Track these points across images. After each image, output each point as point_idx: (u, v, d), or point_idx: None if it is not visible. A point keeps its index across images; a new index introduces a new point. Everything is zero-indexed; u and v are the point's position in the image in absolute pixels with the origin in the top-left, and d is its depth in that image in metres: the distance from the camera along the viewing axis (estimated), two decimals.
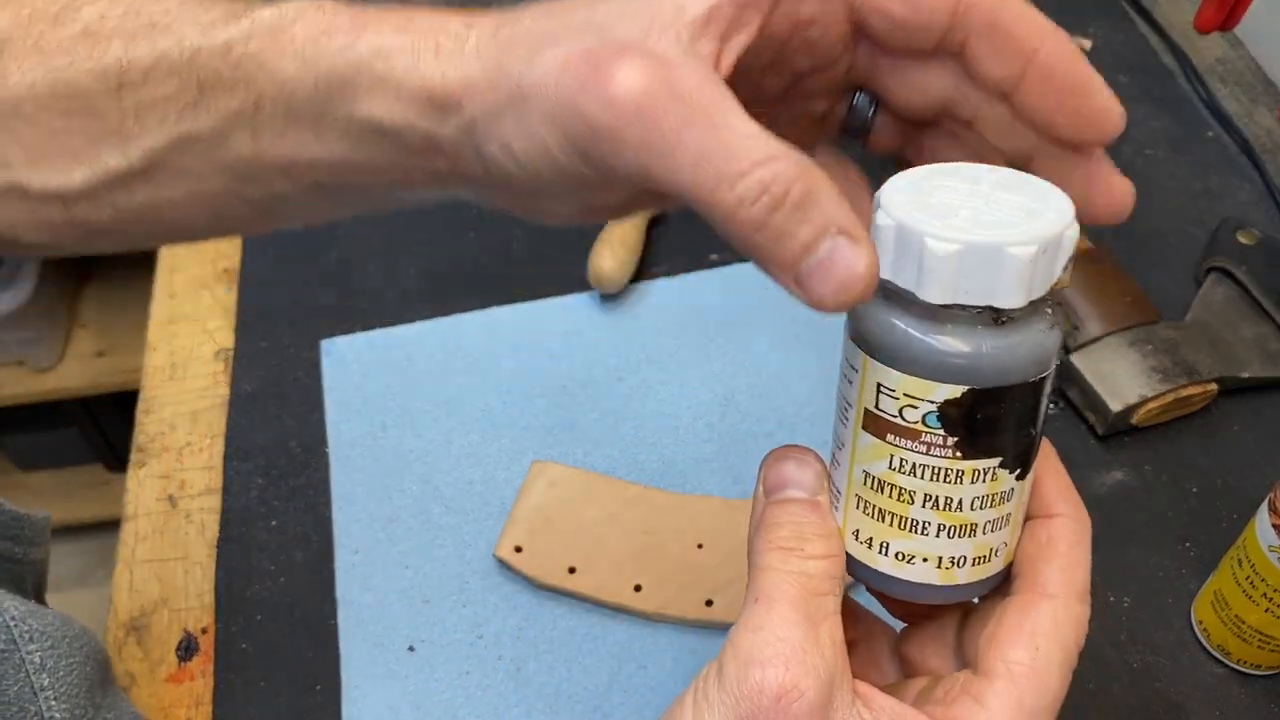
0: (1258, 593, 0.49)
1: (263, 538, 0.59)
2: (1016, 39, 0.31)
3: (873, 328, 0.29)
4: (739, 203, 0.27)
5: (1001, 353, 0.28)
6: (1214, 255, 0.67)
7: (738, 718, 0.29)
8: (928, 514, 0.30)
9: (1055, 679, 0.32)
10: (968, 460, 0.29)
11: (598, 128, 0.28)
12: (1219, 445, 0.61)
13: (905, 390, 0.29)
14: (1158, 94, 0.79)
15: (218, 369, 0.66)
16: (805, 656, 0.29)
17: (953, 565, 0.31)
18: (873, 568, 0.32)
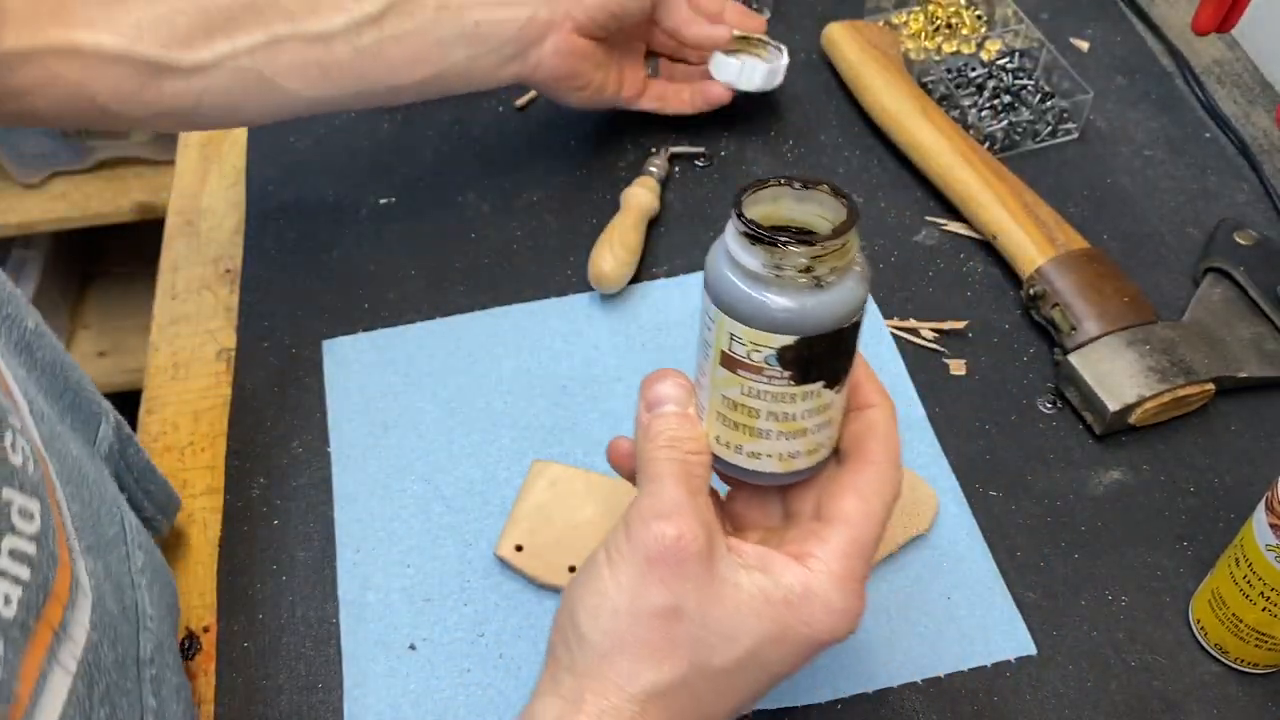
0: (1255, 591, 0.49)
1: (265, 537, 0.59)
2: None
3: (726, 290, 0.39)
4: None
5: (821, 309, 0.38)
6: (1211, 256, 0.67)
7: (644, 559, 0.39)
8: (770, 424, 0.41)
9: (878, 523, 0.41)
10: (799, 386, 0.40)
11: None
12: (1216, 445, 0.61)
13: (751, 340, 0.39)
14: (1155, 95, 0.80)
15: (219, 369, 0.66)
16: (693, 514, 0.39)
17: (790, 458, 0.42)
18: (731, 463, 0.43)
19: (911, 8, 0.83)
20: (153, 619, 0.45)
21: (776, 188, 0.40)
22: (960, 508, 0.59)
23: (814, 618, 0.39)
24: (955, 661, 0.54)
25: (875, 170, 0.76)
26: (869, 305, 0.55)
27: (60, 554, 0.36)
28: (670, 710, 0.39)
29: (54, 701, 0.35)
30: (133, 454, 0.52)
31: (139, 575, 0.45)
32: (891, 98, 0.75)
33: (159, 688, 0.44)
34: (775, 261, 0.37)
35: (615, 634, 0.39)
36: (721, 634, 0.39)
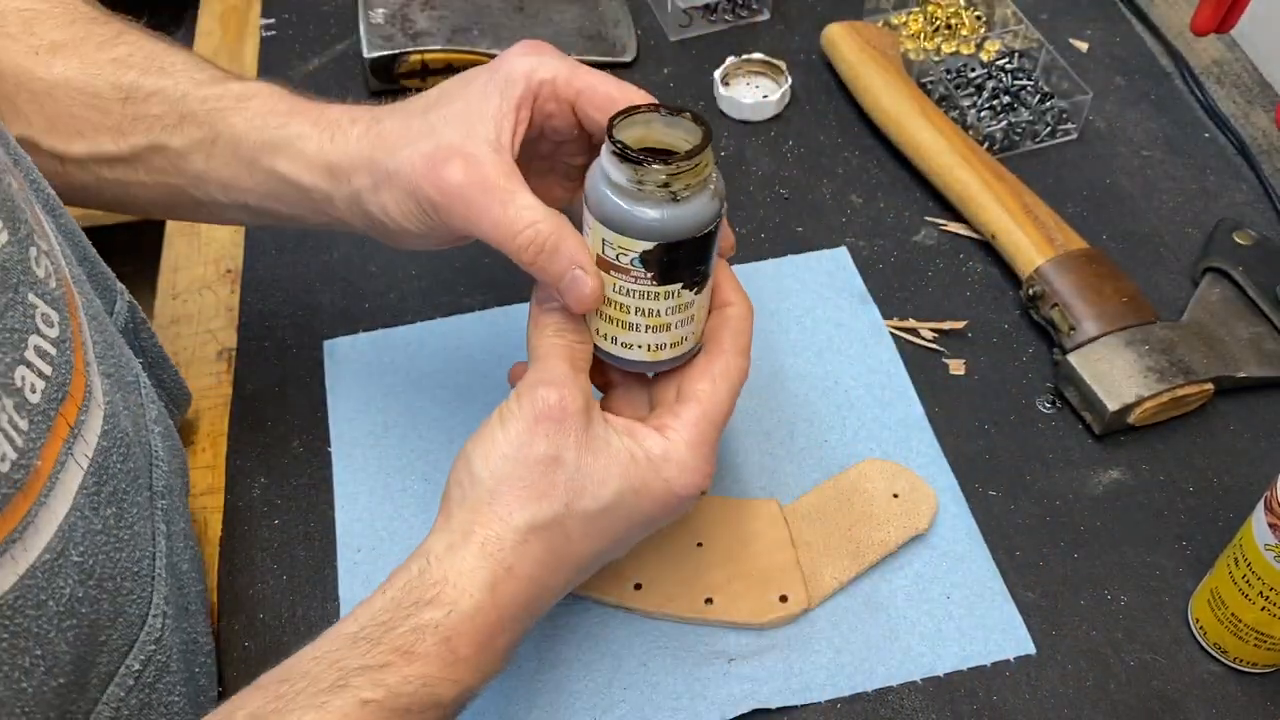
0: (1254, 591, 0.49)
1: (265, 536, 0.59)
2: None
3: (599, 201, 0.45)
4: (519, 250, 0.46)
5: (677, 219, 0.44)
6: (1210, 256, 0.68)
7: (531, 417, 0.46)
8: (638, 319, 0.47)
9: (725, 400, 0.48)
10: (661, 286, 0.46)
11: (437, 203, 0.47)
12: (1215, 445, 0.61)
13: (619, 244, 0.45)
14: (1154, 95, 0.80)
15: (220, 369, 0.66)
16: (574, 384, 0.47)
17: (658, 349, 0.49)
18: (609, 351, 0.50)
19: (911, 8, 0.83)
20: (164, 463, 0.50)
21: (648, 113, 0.46)
22: (960, 507, 0.59)
23: (669, 474, 0.47)
24: (955, 661, 0.54)
25: (875, 170, 0.76)
26: (869, 308, 0.61)
27: (76, 363, 0.41)
28: (546, 544, 0.45)
29: (69, 486, 0.40)
30: (146, 338, 0.56)
31: (153, 424, 0.50)
32: (891, 98, 0.75)
33: (170, 521, 0.49)
34: (639, 177, 0.43)
35: (502, 475, 0.45)
36: (594, 480, 0.46)
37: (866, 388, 0.64)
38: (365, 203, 0.49)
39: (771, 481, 0.60)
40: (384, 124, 0.49)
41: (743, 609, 0.55)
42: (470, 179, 0.46)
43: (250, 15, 0.88)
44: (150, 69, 0.52)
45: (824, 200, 0.74)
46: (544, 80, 0.48)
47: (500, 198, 0.46)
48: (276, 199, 0.52)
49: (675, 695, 0.53)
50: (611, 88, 0.48)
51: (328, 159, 0.50)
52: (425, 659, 0.42)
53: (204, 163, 0.51)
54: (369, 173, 0.48)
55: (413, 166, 0.47)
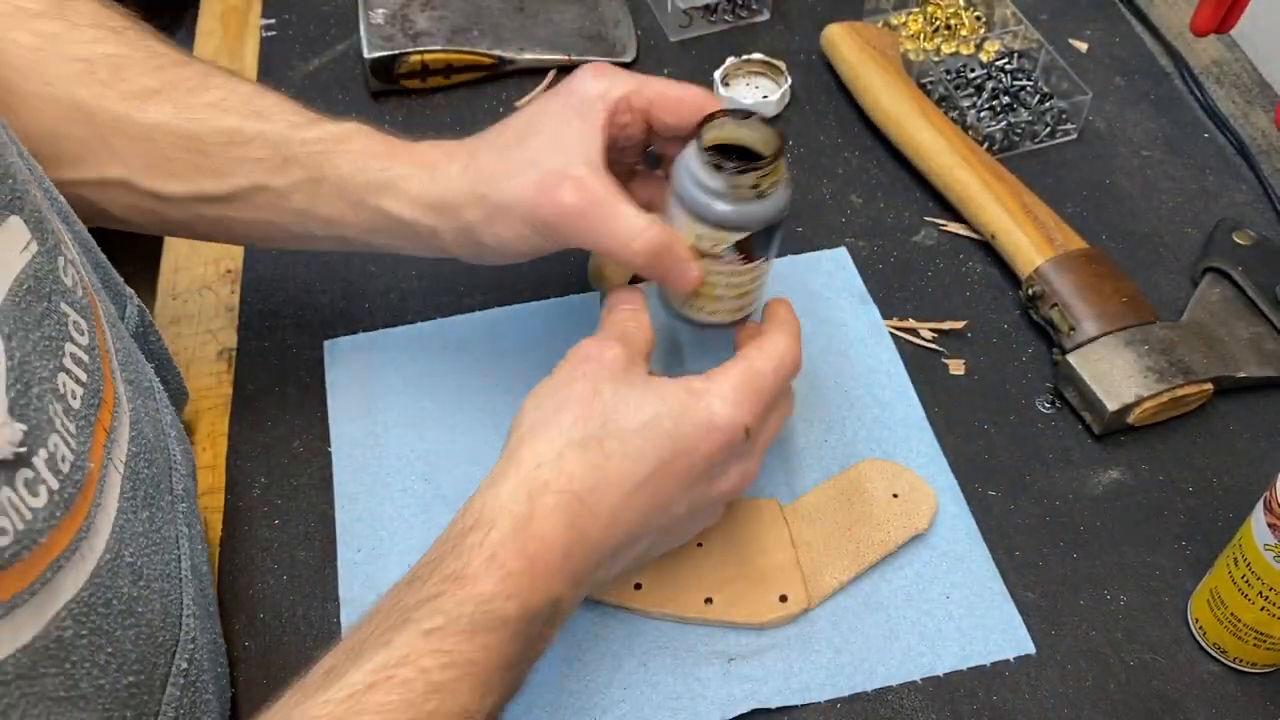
0: (1253, 591, 0.49)
1: (265, 537, 0.59)
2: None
3: (695, 204, 0.52)
4: (635, 255, 0.51)
5: (763, 211, 0.52)
6: (1210, 256, 0.68)
7: (573, 361, 0.50)
8: (725, 292, 0.55)
9: (771, 366, 0.51)
10: (747, 264, 0.54)
11: (554, 224, 0.51)
12: (1215, 445, 0.62)
13: (713, 238, 0.52)
14: (1154, 95, 0.80)
15: (221, 369, 0.66)
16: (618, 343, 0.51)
17: (739, 310, 0.57)
18: (696, 319, 0.57)
19: (910, 9, 0.83)
20: (181, 466, 0.51)
21: (721, 119, 0.53)
22: (959, 507, 0.59)
23: (710, 405, 0.48)
24: (954, 661, 0.54)
25: (874, 171, 0.76)
26: (869, 308, 0.64)
27: (104, 370, 0.42)
28: (583, 459, 0.46)
29: (114, 489, 0.42)
30: (154, 340, 0.57)
31: (169, 428, 0.51)
32: (891, 98, 0.75)
33: (190, 524, 0.50)
34: (734, 184, 0.51)
35: (543, 410, 0.48)
36: (631, 403, 0.48)
37: (866, 388, 0.64)
38: (478, 234, 0.53)
39: (771, 481, 0.60)
40: (480, 159, 0.53)
41: (743, 609, 0.55)
42: (582, 199, 0.50)
43: (250, 15, 0.88)
44: (247, 113, 0.55)
45: (824, 200, 0.74)
46: (619, 98, 0.53)
47: (610, 212, 0.51)
48: (378, 233, 0.55)
49: (675, 695, 0.53)
50: (676, 90, 0.54)
51: (434, 197, 0.53)
52: (475, 579, 0.43)
53: (307, 201, 0.54)
54: (479, 206, 0.52)
55: (527, 195, 0.51)
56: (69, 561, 0.37)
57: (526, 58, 0.81)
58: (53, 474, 0.37)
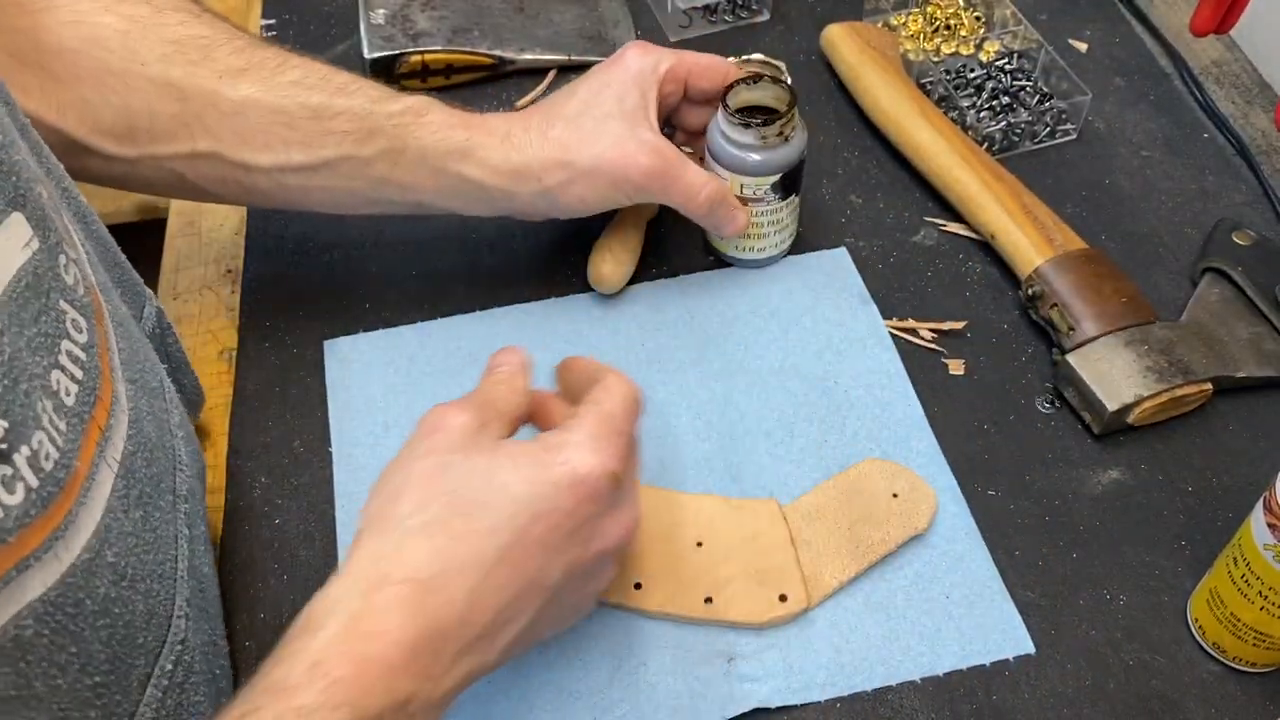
0: (1253, 591, 0.49)
1: (266, 536, 0.59)
2: None
3: (732, 159, 0.64)
4: (701, 204, 0.63)
5: (791, 152, 0.65)
6: (1210, 256, 0.68)
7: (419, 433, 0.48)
8: (770, 229, 0.68)
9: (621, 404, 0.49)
10: (784, 200, 0.66)
11: (639, 184, 0.61)
12: (1214, 444, 0.62)
13: (755, 184, 0.65)
14: (1154, 96, 0.80)
15: (221, 369, 0.66)
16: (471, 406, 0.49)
17: (781, 244, 0.70)
18: (747, 259, 0.70)
19: (910, 9, 0.84)
20: (186, 467, 0.51)
21: (738, 85, 0.65)
22: (959, 507, 0.59)
23: (569, 459, 0.45)
24: (954, 660, 0.54)
25: (874, 171, 0.76)
26: (869, 308, 0.68)
27: (103, 369, 0.42)
28: (427, 547, 0.43)
29: (102, 488, 0.41)
30: (171, 343, 0.58)
31: (176, 429, 0.51)
32: (890, 99, 0.75)
33: (193, 525, 0.50)
34: (763, 134, 0.63)
35: (383, 498, 0.45)
36: (479, 472, 0.45)
37: (866, 388, 0.64)
38: (558, 195, 0.61)
39: (771, 481, 0.60)
40: (554, 128, 0.60)
41: (742, 608, 0.55)
42: (658, 161, 0.60)
43: (251, 15, 0.88)
44: (331, 89, 0.59)
45: (823, 200, 0.74)
46: (667, 70, 0.63)
47: (679, 172, 0.61)
48: (454, 196, 0.61)
49: (675, 695, 0.53)
50: (707, 60, 0.65)
51: (514, 164, 0.60)
52: (295, 690, 0.39)
53: (388, 169, 0.60)
54: (562, 171, 0.60)
55: (611, 161, 0.60)
56: (39, 561, 0.36)
57: (526, 58, 0.81)
58: (33, 471, 0.36)
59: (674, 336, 0.67)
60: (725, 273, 0.70)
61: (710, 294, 0.69)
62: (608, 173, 0.60)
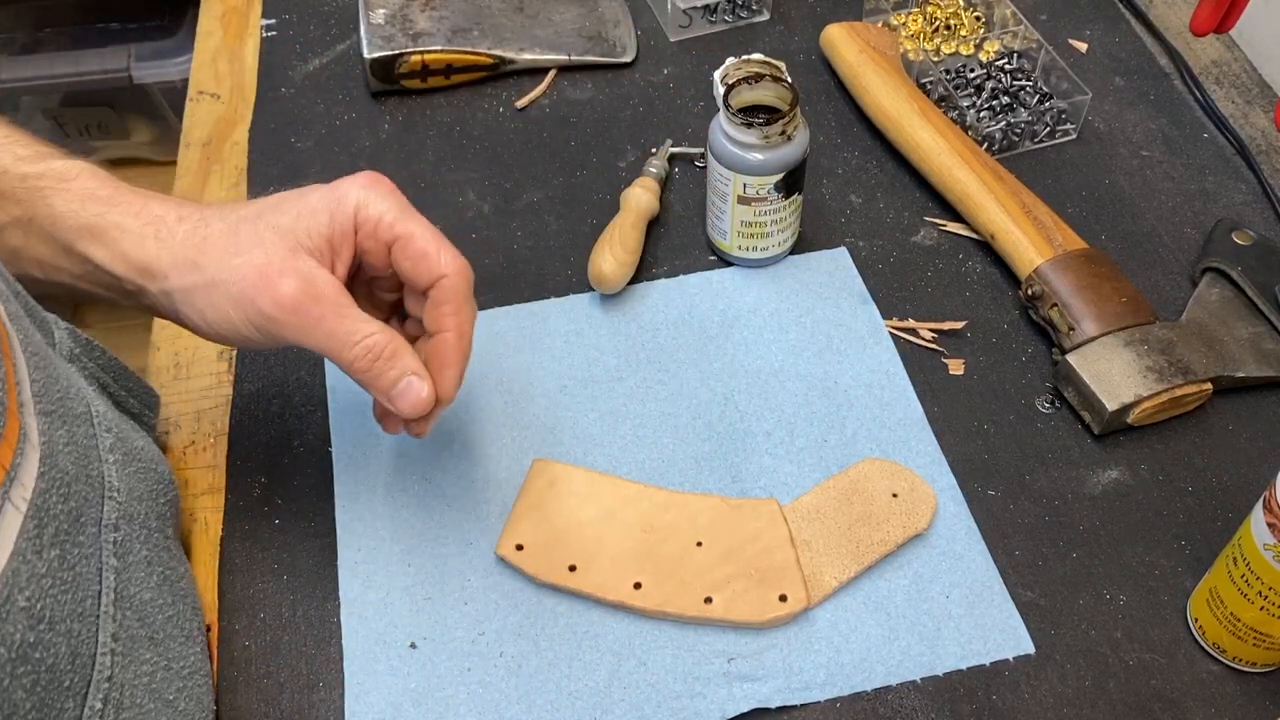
0: (1253, 591, 0.49)
1: (266, 536, 0.59)
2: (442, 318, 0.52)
3: (734, 159, 0.64)
4: (354, 359, 0.49)
5: (793, 151, 0.64)
6: (1209, 256, 0.68)
7: None
8: (773, 229, 0.67)
9: None
10: (787, 200, 0.66)
11: (269, 316, 0.48)
12: (1214, 444, 0.62)
13: (758, 184, 0.64)
14: (1153, 96, 0.80)
15: (221, 369, 0.66)
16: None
17: (783, 243, 0.69)
18: (750, 258, 0.69)
19: (910, 9, 0.83)
20: (119, 492, 0.48)
21: (738, 85, 0.64)
22: (959, 507, 0.59)
23: None
24: (954, 660, 0.54)
25: (874, 171, 0.76)
26: (869, 308, 0.68)
27: (9, 405, 0.40)
28: None
29: (8, 531, 0.39)
30: (97, 357, 0.55)
31: (107, 453, 0.49)
32: (890, 99, 0.75)
33: (124, 553, 0.47)
34: (765, 134, 0.63)
35: None
36: None
37: (866, 388, 0.64)
38: (179, 302, 0.50)
39: (771, 481, 0.60)
40: (212, 227, 0.50)
41: (742, 608, 0.55)
42: (304, 292, 0.48)
43: (251, 16, 0.88)
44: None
45: (823, 200, 0.74)
46: (368, 218, 0.50)
47: (334, 310, 0.48)
48: (91, 282, 0.51)
49: (675, 695, 0.53)
50: (428, 244, 0.50)
51: (145, 254, 0.50)
52: None
53: (20, 239, 0.51)
54: (188, 275, 0.49)
55: (243, 278, 0.48)
56: None
57: (526, 58, 0.82)
58: None
59: (674, 336, 0.67)
60: (725, 272, 0.70)
61: (710, 294, 0.69)
62: (235, 292, 0.48)
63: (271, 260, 0.48)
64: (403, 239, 0.50)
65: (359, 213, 0.50)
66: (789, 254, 0.70)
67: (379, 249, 0.51)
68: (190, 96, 0.83)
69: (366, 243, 0.51)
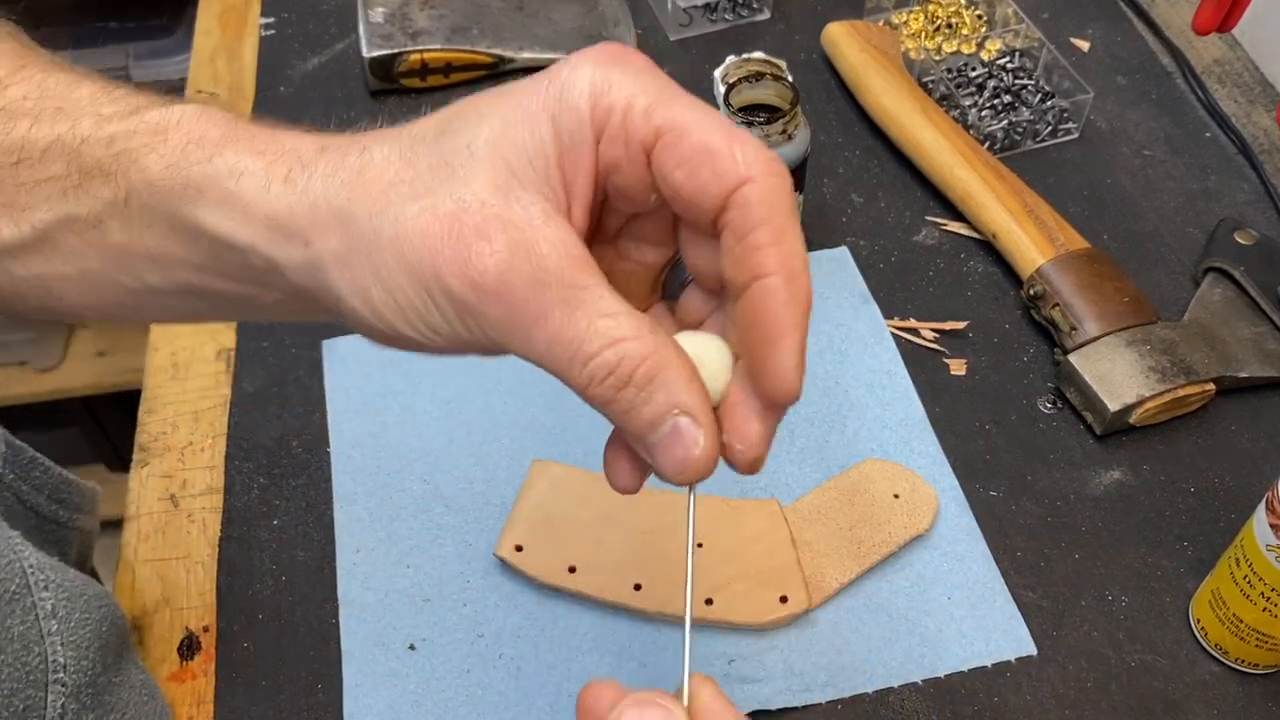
0: (1255, 592, 0.49)
1: (264, 537, 0.59)
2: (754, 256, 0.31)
3: None
4: (588, 381, 0.30)
5: (796, 149, 0.63)
6: (1212, 255, 0.67)
7: None
8: None
9: None
10: None
11: (460, 299, 0.30)
12: (1216, 445, 0.61)
13: None
14: (1156, 95, 0.79)
15: (219, 369, 0.66)
16: None
17: None
18: None
19: (911, 7, 0.83)
20: (64, 668, 0.41)
21: (741, 83, 0.64)
22: (960, 508, 0.59)
23: None
24: (955, 662, 0.54)
25: (875, 170, 0.75)
26: (870, 308, 0.67)
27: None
28: None
29: None
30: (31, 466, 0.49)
31: (47, 621, 0.41)
32: (891, 97, 0.75)
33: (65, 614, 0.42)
34: (765, 134, 0.62)
35: None
36: None
37: (867, 388, 0.64)
38: (331, 279, 0.32)
39: (772, 481, 0.60)
40: (371, 155, 0.33)
41: (743, 609, 0.54)
42: (517, 265, 0.30)
43: (250, 14, 0.88)
44: (44, 113, 0.36)
45: (824, 200, 0.74)
46: (611, 106, 0.31)
47: (563, 296, 0.30)
48: (218, 274, 0.35)
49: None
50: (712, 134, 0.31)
51: (272, 207, 0.33)
52: None
53: (123, 233, 0.35)
54: (335, 230, 0.32)
55: (423, 233, 0.30)
56: None
57: (526, 56, 0.81)
58: None
59: None
60: None
61: None
62: (409, 255, 0.31)
63: (468, 205, 0.30)
64: (669, 133, 0.31)
65: (596, 103, 0.31)
66: None
67: (633, 160, 0.31)
68: (189, 95, 0.83)
69: (612, 151, 0.31)
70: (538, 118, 0.31)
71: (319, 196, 0.32)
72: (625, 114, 0.31)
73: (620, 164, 0.31)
